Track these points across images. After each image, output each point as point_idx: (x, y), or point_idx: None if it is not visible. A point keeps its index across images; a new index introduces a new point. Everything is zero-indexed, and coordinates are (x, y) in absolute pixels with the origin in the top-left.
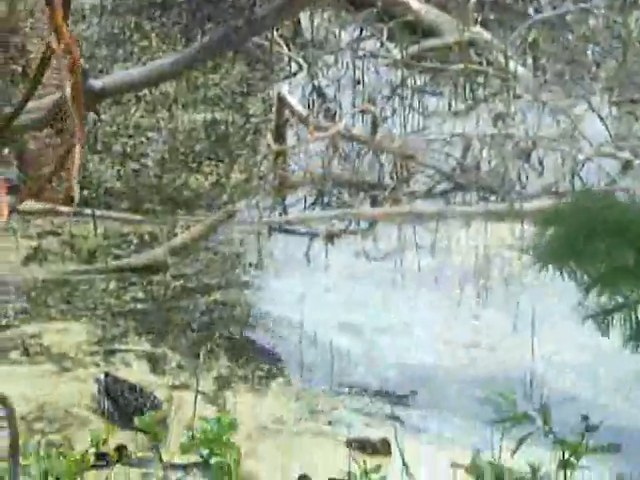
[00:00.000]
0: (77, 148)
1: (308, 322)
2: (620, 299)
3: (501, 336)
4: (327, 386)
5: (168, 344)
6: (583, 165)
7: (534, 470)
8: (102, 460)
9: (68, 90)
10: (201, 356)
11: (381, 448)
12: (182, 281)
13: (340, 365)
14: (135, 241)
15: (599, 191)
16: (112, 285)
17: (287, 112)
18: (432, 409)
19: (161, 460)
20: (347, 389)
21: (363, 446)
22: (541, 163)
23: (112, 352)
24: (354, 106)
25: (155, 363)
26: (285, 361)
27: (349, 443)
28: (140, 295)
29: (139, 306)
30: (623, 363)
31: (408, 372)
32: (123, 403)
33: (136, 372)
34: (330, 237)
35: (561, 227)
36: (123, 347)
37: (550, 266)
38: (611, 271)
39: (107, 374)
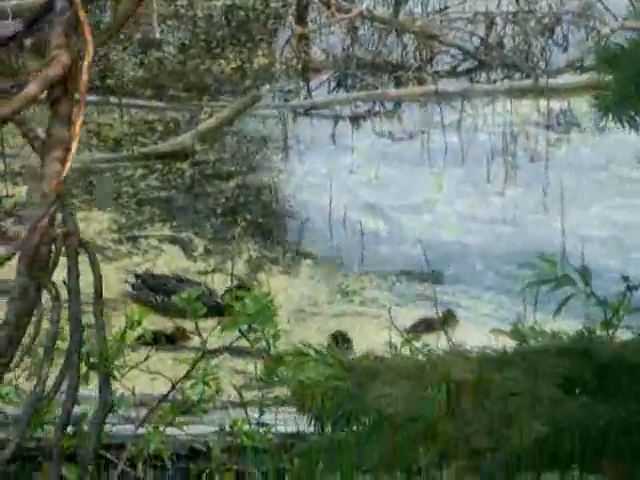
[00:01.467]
0: None
1: (334, 204)
2: None
3: (527, 212)
4: (355, 267)
5: (194, 230)
6: (608, 39)
7: (590, 331)
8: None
9: None
10: (236, 236)
11: (448, 319)
12: (207, 167)
13: (367, 245)
14: (160, 128)
15: None
16: (138, 173)
17: None
18: (461, 285)
19: (201, 338)
20: (375, 269)
21: (430, 325)
22: (565, 38)
23: (136, 239)
24: None
25: (184, 249)
26: (312, 242)
27: (414, 327)
28: (165, 182)
29: (164, 193)
30: None
31: (435, 250)
32: (171, 292)
33: (170, 259)
34: (355, 119)
35: (623, 69)
36: (147, 233)
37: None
38: None
39: (142, 273)
